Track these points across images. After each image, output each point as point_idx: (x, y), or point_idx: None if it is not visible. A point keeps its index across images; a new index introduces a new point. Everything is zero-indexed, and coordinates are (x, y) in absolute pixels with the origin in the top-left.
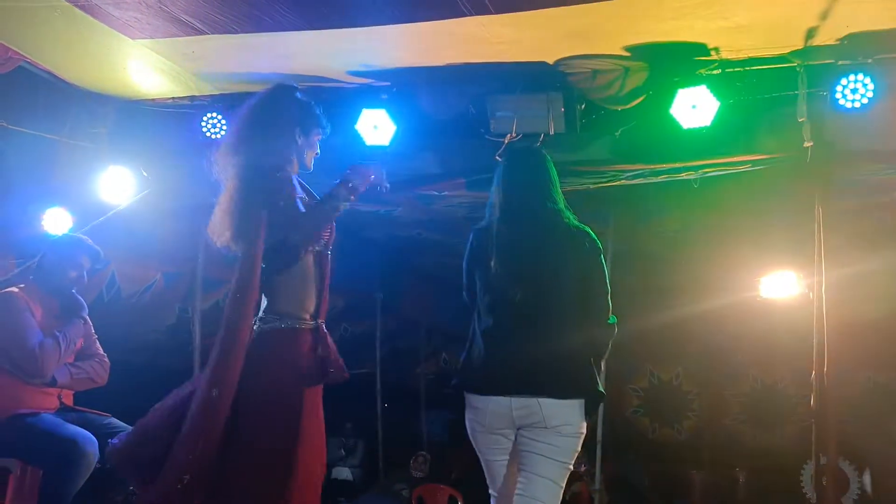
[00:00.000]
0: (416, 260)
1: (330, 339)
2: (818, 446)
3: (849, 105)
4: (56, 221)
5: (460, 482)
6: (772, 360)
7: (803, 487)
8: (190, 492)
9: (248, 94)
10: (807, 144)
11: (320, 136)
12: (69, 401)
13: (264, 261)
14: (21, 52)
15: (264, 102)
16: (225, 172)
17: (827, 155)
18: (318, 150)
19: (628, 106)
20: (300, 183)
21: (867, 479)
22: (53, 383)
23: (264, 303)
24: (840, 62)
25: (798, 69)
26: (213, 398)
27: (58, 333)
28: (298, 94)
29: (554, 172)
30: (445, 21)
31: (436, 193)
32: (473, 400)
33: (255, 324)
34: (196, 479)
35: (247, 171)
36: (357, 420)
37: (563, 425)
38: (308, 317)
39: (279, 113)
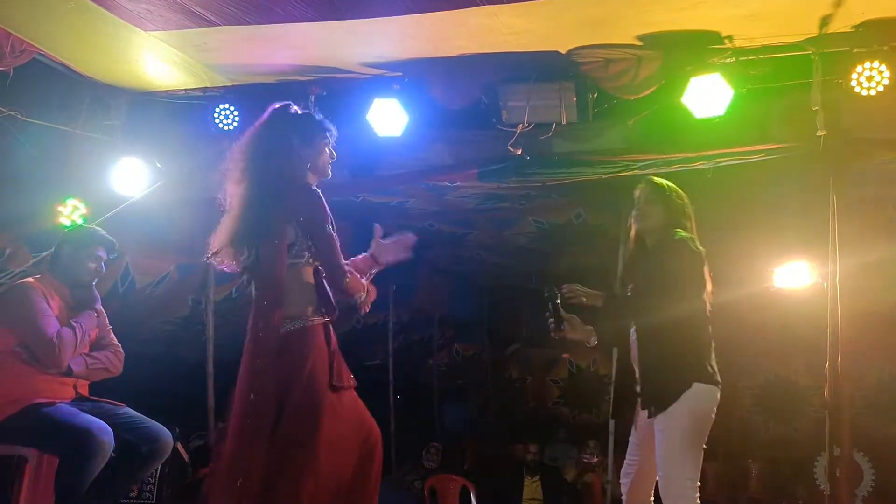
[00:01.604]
0: (429, 252)
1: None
2: (832, 438)
3: (864, 93)
4: (70, 213)
5: (473, 473)
6: (785, 352)
7: (817, 479)
8: (245, 494)
9: (260, 86)
10: (821, 133)
11: (328, 141)
12: (84, 391)
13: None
14: (35, 45)
15: (261, 130)
16: (232, 200)
17: (841, 144)
18: (335, 155)
19: (641, 95)
20: None
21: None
22: (70, 373)
23: None
24: (855, 50)
25: (812, 57)
26: (252, 402)
27: (74, 324)
28: (292, 110)
29: None
30: (457, 11)
31: (448, 184)
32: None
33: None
34: (248, 481)
35: (255, 190)
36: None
37: None
38: (310, 312)
39: (276, 135)
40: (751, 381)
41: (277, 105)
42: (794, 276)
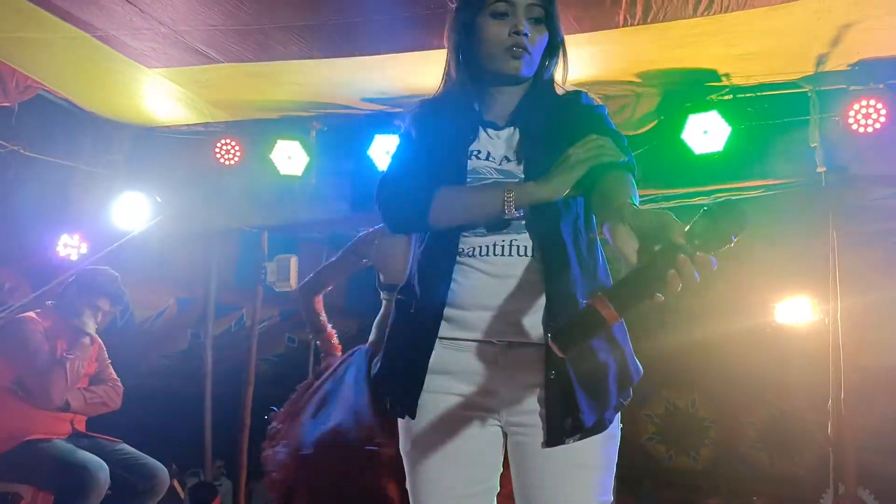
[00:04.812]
0: None
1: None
2: (836, 474)
3: (861, 130)
4: (70, 247)
5: None
6: (788, 387)
7: None
8: None
9: (262, 121)
10: (820, 169)
11: None
12: (82, 426)
13: None
14: (40, 81)
15: None
16: None
17: (840, 179)
18: None
19: (639, 132)
20: None
21: None
22: (67, 408)
23: None
24: (852, 87)
25: (810, 94)
26: None
27: (66, 358)
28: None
29: None
30: None
31: None
32: None
33: None
34: None
35: None
36: None
37: None
38: None
39: None
40: (753, 416)
41: None
42: (796, 312)
